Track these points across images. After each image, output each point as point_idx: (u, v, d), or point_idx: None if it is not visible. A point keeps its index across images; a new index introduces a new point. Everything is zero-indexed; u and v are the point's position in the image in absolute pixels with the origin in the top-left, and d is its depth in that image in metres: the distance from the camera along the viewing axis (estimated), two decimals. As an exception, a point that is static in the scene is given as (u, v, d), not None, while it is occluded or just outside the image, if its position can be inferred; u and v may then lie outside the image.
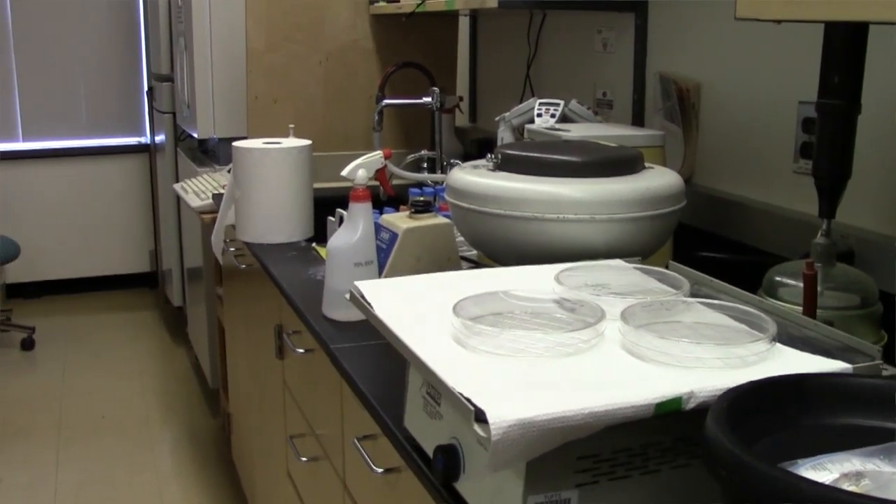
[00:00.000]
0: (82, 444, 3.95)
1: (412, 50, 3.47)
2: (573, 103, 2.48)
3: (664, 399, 1.03)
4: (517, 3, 2.70)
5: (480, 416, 1.00)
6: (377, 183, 2.52)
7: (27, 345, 5.08)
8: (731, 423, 0.93)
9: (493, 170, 1.78)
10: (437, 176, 2.94)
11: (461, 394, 1.04)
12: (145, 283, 6.12)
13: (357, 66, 3.46)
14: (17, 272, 5.79)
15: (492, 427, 0.98)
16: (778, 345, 1.16)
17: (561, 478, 1.05)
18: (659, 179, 1.74)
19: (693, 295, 1.37)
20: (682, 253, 2.01)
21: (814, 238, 1.58)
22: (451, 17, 3.58)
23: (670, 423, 1.07)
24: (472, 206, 1.73)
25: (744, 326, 1.22)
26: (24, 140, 5.83)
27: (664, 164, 2.03)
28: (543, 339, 1.17)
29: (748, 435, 0.95)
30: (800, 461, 0.94)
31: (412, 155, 3.26)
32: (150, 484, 3.58)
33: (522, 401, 1.02)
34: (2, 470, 3.72)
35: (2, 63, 5.71)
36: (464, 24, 3.71)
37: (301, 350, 2.04)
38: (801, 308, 1.43)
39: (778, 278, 1.61)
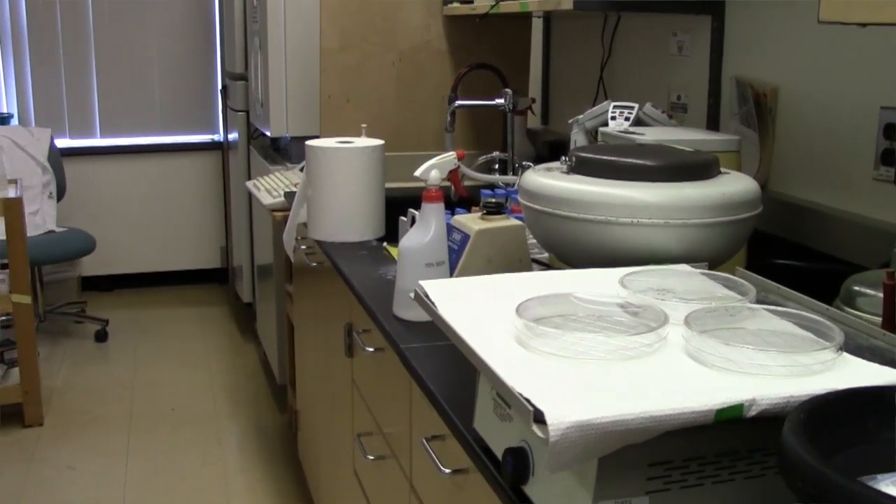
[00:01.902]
0: (152, 435, 4.00)
1: (485, 51, 3.47)
2: (647, 107, 2.46)
3: (725, 405, 1.02)
4: (592, 5, 2.68)
5: (539, 417, 1.00)
6: (448, 183, 2.52)
7: (101, 337, 5.17)
8: (809, 433, 0.91)
9: (567, 172, 1.77)
10: (509, 178, 2.93)
11: (521, 394, 1.04)
12: (216, 278, 6.19)
13: (430, 66, 3.47)
14: (91, 266, 5.89)
15: (550, 428, 0.98)
16: (844, 354, 1.14)
17: (631, 484, 1.05)
18: (735, 185, 1.71)
19: (759, 302, 1.36)
20: (756, 260, 1.98)
21: (895, 247, 1.55)
22: (524, 18, 3.57)
23: (744, 432, 1.06)
24: (545, 209, 1.72)
25: (810, 334, 1.20)
26: (101, 136, 5.94)
27: (739, 169, 2.00)
28: (606, 342, 1.16)
29: (826, 447, 0.93)
30: (879, 476, 0.92)
31: (483, 156, 3.25)
32: (216, 477, 3.62)
33: (582, 403, 1.02)
34: (74, 458, 3.78)
35: (81, 61, 5.82)
36: (537, 25, 3.70)
37: (371, 349, 2.04)
38: (880, 319, 1.40)
39: (856, 288, 1.58)
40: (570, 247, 1.73)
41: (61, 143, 5.69)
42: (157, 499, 3.46)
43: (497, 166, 3.23)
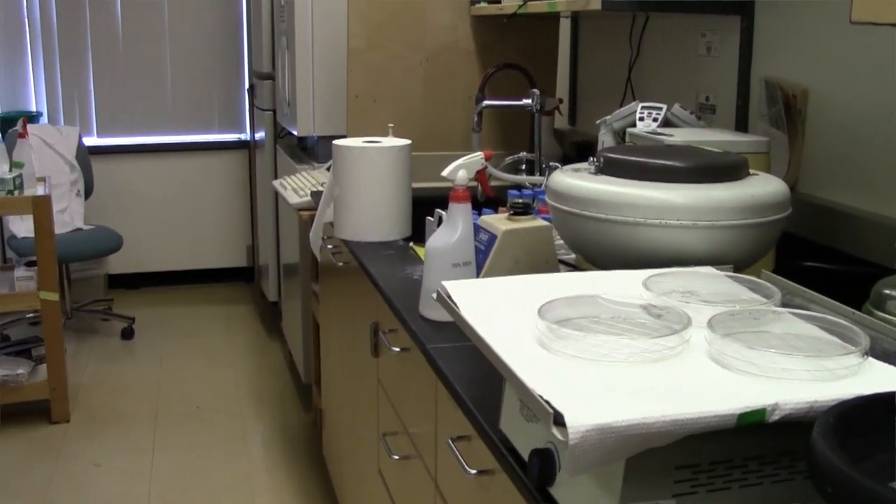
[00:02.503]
0: (177, 432, 4.02)
1: (512, 51, 3.46)
2: (676, 107, 2.45)
3: (747, 410, 1.01)
4: (621, 5, 2.67)
5: (559, 420, 1.00)
6: (475, 184, 2.52)
7: (127, 334, 5.19)
8: (839, 438, 0.90)
9: (595, 173, 1.77)
10: (536, 178, 2.93)
11: (540, 396, 1.04)
12: (242, 277, 6.21)
13: (457, 66, 3.46)
14: (118, 263, 5.93)
15: (570, 431, 0.98)
16: (870, 359, 1.13)
17: (658, 486, 1.04)
18: (764, 187, 1.70)
19: (784, 305, 1.35)
20: (785, 262, 1.97)
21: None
22: (552, 18, 3.56)
23: (771, 436, 1.05)
24: (572, 210, 1.71)
25: (835, 339, 1.19)
26: (129, 135, 5.97)
27: (768, 171, 1.99)
28: (628, 344, 1.15)
29: (855, 451, 0.92)
30: (909, 482, 0.91)
31: (510, 157, 3.25)
32: (241, 474, 3.63)
33: (602, 406, 1.01)
34: (100, 454, 3.81)
35: (110, 60, 5.85)
36: (565, 25, 3.69)
37: (397, 349, 2.04)
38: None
39: (887, 291, 1.57)
40: (597, 248, 1.72)
41: (89, 141, 5.72)
42: (182, 496, 3.48)
43: (524, 167, 3.23)
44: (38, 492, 3.50)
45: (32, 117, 5.60)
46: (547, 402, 1.02)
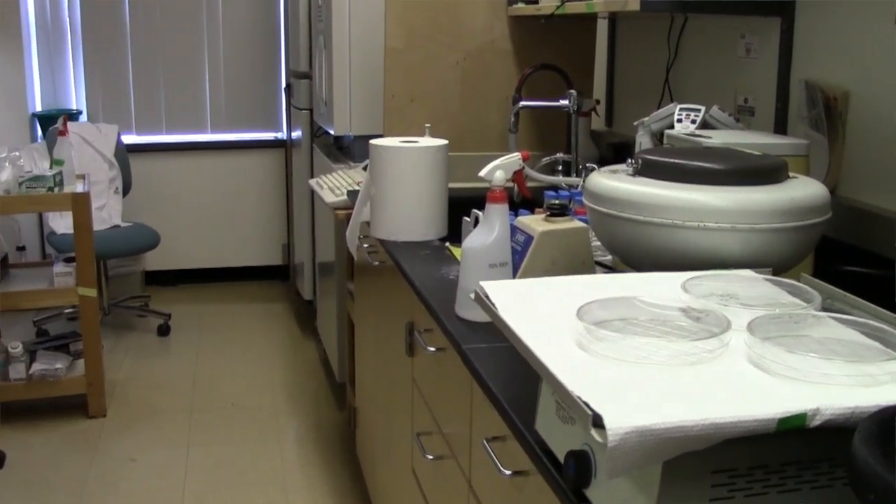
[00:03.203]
0: (212, 428, 4.05)
1: (550, 52, 3.46)
2: (714, 109, 2.44)
3: (788, 414, 1.00)
4: (659, 6, 2.66)
5: (598, 422, 0.99)
6: (512, 184, 2.52)
7: (163, 331, 5.23)
8: (881, 445, 0.89)
9: (633, 175, 1.76)
10: (573, 179, 2.92)
11: (579, 397, 1.03)
12: (277, 275, 6.24)
13: (494, 66, 3.46)
14: (155, 260, 5.97)
15: (609, 433, 0.97)
16: (912, 365, 1.12)
17: (695, 490, 1.04)
18: (804, 190, 1.69)
19: (825, 309, 1.33)
20: (824, 267, 1.95)
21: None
22: (589, 19, 3.55)
23: (810, 441, 1.04)
24: (610, 211, 1.71)
25: (876, 344, 1.18)
26: (167, 133, 6.02)
27: (808, 174, 1.97)
28: (667, 347, 1.15)
29: (897, 458, 0.92)
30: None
31: (547, 158, 3.24)
32: (275, 471, 3.65)
33: (641, 408, 1.01)
34: (136, 449, 3.84)
35: (148, 59, 5.90)
36: (602, 26, 3.68)
37: (432, 348, 2.05)
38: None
39: (928, 296, 1.55)
40: (634, 250, 1.71)
41: (128, 139, 5.77)
42: (216, 492, 3.50)
43: (560, 168, 3.22)
44: (75, 484, 3.54)
45: (73, 115, 5.65)
46: (586, 404, 1.02)
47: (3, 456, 3.70)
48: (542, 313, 1.33)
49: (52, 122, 5.18)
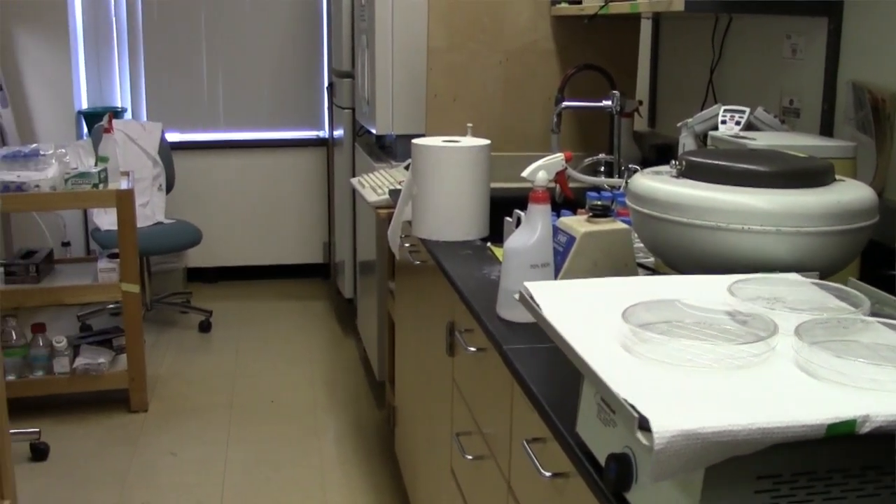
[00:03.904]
0: (252, 424, 4.07)
1: (592, 52, 3.44)
2: (759, 111, 2.42)
3: (837, 421, 0.99)
4: (704, 6, 2.64)
5: (644, 424, 0.99)
6: (554, 185, 2.51)
7: (204, 327, 5.27)
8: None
9: (677, 176, 1.75)
10: (615, 180, 2.91)
11: (625, 400, 1.03)
12: (318, 273, 6.26)
13: (536, 66, 3.46)
14: (197, 257, 6.02)
15: (655, 436, 0.97)
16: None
17: (738, 496, 1.03)
18: (851, 193, 1.67)
19: (873, 314, 1.32)
20: (871, 271, 1.93)
21: None
22: (633, 19, 3.54)
23: (857, 449, 1.03)
24: (653, 213, 1.70)
25: None
26: (210, 131, 6.06)
27: (855, 176, 1.95)
28: (713, 350, 1.14)
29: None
30: None
31: (589, 158, 3.23)
32: (313, 469, 3.66)
33: (688, 411, 1.00)
34: (176, 444, 3.87)
35: (192, 58, 5.95)
36: (646, 26, 3.66)
37: (473, 348, 2.04)
38: None
39: (977, 302, 1.53)
40: (677, 252, 1.70)
41: (171, 136, 5.81)
42: (255, 487, 3.52)
43: (602, 169, 3.21)
44: (116, 477, 3.57)
45: (117, 113, 5.71)
46: (632, 406, 1.01)
47: (46, 448, 3.74)
48: (587, 315, 1.32)
49: (97, 119, 5.23)
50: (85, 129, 5.68)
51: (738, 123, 2.35)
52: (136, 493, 3.47)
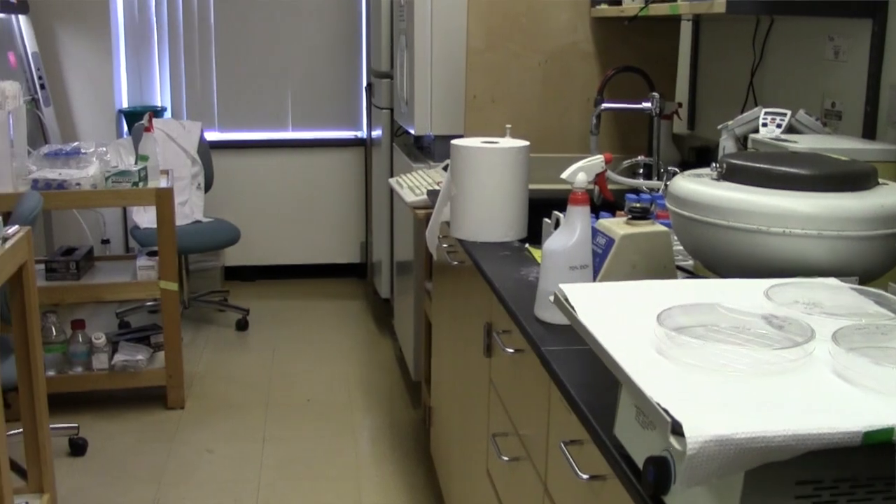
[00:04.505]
0: (287, 423, 4.09)
1: (632, 54, 3.43)
2: (801, 113, 2.40)
3: (874, 429, 0.98)
4: (746, 8, 2.63)
5: (677, 429, 0.98)
6: (593, 186, 2.50)
7: (242, 325, 5.30)
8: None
9: (717, 179, 1.74)
10: (654, 182, 2.90)
11: (658, 404, 1.02)
12: (355, 273, 6.28)
13: (576, 68, 3.45)
14: (235, 256, 6.05)
15: (688, 441, 0.96)
16: None
17: (777, 501, 1.02)
18: (893, 197, 1.65)
19: (914, 321, 1.31)
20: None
21: None
22: (673, 21, 3.52)
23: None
24: (693, 216, 1.69)
25: None
26: (249, 130, 6.09)
27: (898, 180, 1.93)
28: (748, 355, 1.13)
29: None
30: None
31: (628, 160, 3.22)
32: (349, 468, 3.67)
33: (721, 417, 1.00)
34: (212, 441, 3.89)
35: (232, 57, 5.98)
36: (686, 28, 3.64)
37: (510, 350, 2.04)
38: None
39: None
40: (717, 255, 1.69)
41: (210, 136, 5.85)
42: (290, 485, 3.53)
43: (641, 171, 3.19)
44: (153, 473, 3.60)
45: (157, 112, 5.76)
46: (665, 411, 1.01)
47: (84, 443, 3.78)
48: (622, 318, 1.32)
49: (137, 118, 5.27)
50: (125, 128, 5.73)
51: (779, 126, 2.33)
52: (172, 490, 3.50)
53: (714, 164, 1.78)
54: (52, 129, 5.28)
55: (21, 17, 5.26)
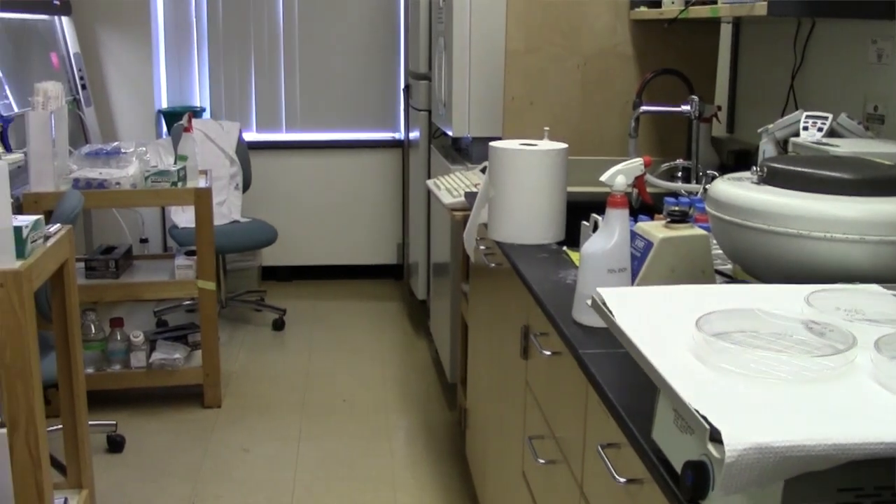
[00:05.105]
0: (323, 423, 4.10)
1: (671, 56, 3.42)
2: (842, 117, 2.38)
3: None
4: (787, 10, 2.60)
5: (715, 436, 0.98)
6: (631, 189, 2.49)
7: (278, 325, 5.32)
8: None
9: (758, 183, 1.73)
10: (692, 186, 2.88)
11: (697, 410, 1.02)
12: (391, 274, 6.29)
13: (615, 70, 3.44)
14: (272, 256, 6.08)
15: (727, 448, 0.96)
16: None
17: (818, 508, 1.01)
18: (938, 202, 1.64)
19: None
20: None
21: None
22: (713, 23, 3.50)
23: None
24: (734, 220, 1.68)
25: None
26: (287, 131, 6.12)
27: (942, 185, 1.91)
28: (788, 361, 1.12)
29: None
30: None
31: (666, 163, 3.20)
32: (384, 468, 3.68)
33: (761, 424, 0.99)
34: (249, 440, 3.91)
35: (270, 59, 6.01)
36: (725, 30, 3.62)
37: (548, 352, 2.04)
38: None
39: None
40: (757, 259, 1.68)
41: (249, 136, 5.89)
42: (326, 485, 3.55)
43: (680, 174, 3.18)
44: (189, 471, 3.62)
45: (196, 112, 5.79)
46: (704, 417, 1.00)
47: (122, 440, 3.81)
48: (660, 322, 1.31)
49: (177, 118, 5.32)
50: (164, 128, 5.78)
51: (820, 130, 2.32)
52: (208, 488, 3.52)
53: (754, 168, 1.78)
54: (92, 129, 5.33)
55: (63, 19, 5.32)
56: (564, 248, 2.48)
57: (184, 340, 4.38)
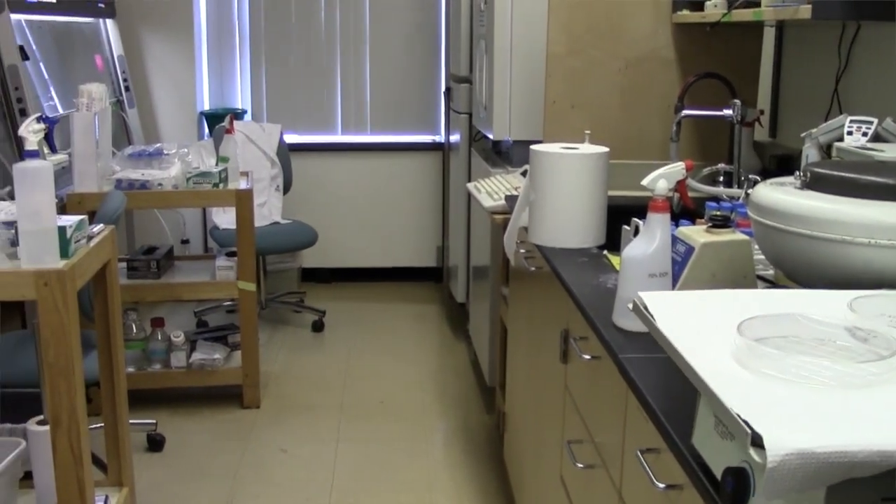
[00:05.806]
0: (361, 424, 4.11)
1: (713, 60, 3.40)
2: (887, 122, 2.36)
3: None
4: (832, 14, 2.58)
5: (757, 441, 0.97)
6: (673, 194, 2.48)
7: (317, 327, 5.34)
8: None
9: (801, 188, 1.72)
10: (734, 191, 2.86)
11: (738, 415, 1.01)
12: (431, 277, 6.29)
13: (656, 74, 3.42)
14: (312, 258, 6.10)
15: (769, 454, 0.95)
16: None
17: (861, 517, 1.00)
18: (985, 208, 1.61)
19: None
20: None
21: None
22: (755, 27, 3.48)
23: None
24: (776, 225, 1.67)
25: None
26: (327, 133, 6.15)
27: None
28: (831, 367, 1.11)
29: None
30: None
31: (708, 168, 3.18)
32: (421, 470, 3.68)
33: (803, 430, 0.98)
34: (287, 441, 3.93)
35: (311, 61, 6.04)
36: (769, 34, 3.60)
37: (587, 356, 2.03)
38: None
39: None
40: (800, 265, 1.67)
41: (290, 138, 5.91)
42: (363, 487, 3.56)
43: (721, 178, 3.16)
44: (228, 472, 3.65)
45: (238, 114, 5.83)
46: (745, 423, 1.00)
47: (162, 439, 3.84)
48: (702, 327, 1.31)
49: (218, 120, 5.33)
50: (206, 130, 5.82)
51: (864, 134, 2.29)
52: (246, 487, 3.54)
53: (798, 173, 1.76)
54: (135, 131, 5.38)
55: (108, 21, 5.38)
56: (605, 252, 2.47)
57: (223, 341, 4.41)
